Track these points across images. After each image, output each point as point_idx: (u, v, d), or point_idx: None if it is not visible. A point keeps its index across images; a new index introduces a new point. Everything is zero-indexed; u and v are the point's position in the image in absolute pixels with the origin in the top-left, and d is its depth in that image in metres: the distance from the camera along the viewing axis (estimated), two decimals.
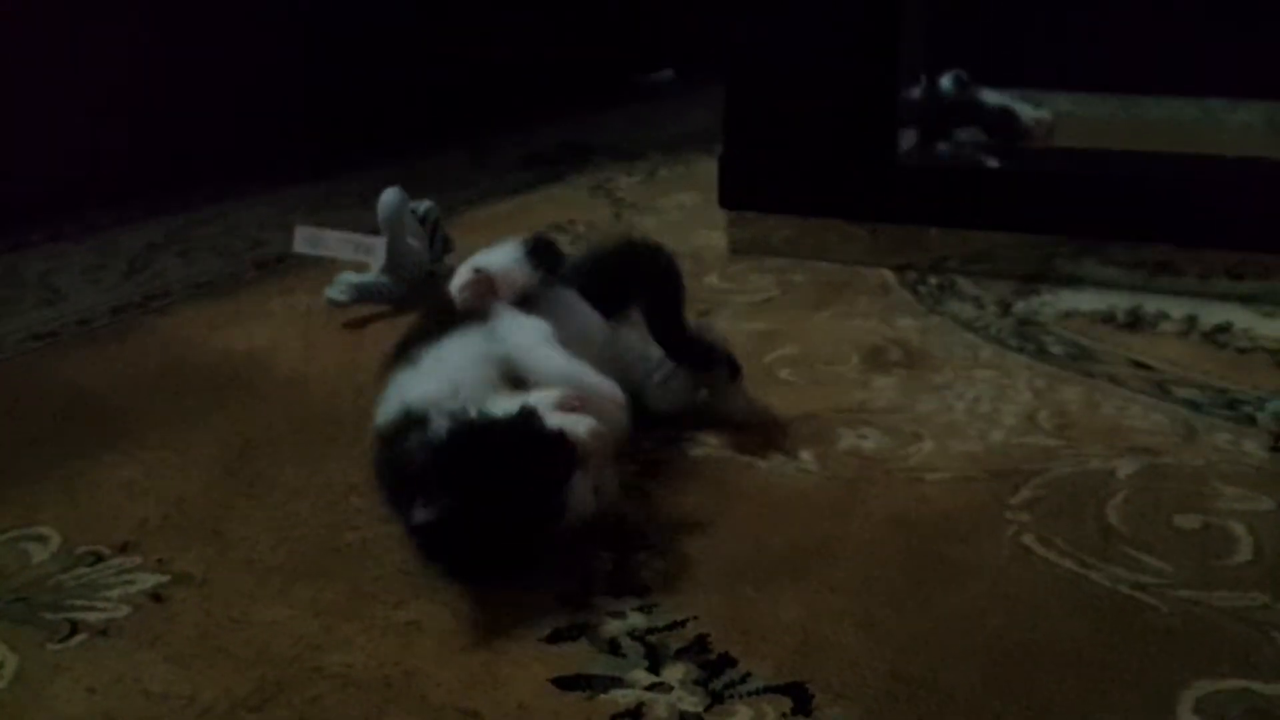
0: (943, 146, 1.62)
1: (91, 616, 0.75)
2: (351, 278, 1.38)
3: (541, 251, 0.97)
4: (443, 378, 0.83)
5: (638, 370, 1.00)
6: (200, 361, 1.24)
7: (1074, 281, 1.37)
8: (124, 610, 0.75)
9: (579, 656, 0.69)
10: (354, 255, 1.42)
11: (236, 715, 0.65)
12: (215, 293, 1.50)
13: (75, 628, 0.74)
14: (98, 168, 1.99)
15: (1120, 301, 1.30)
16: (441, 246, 1.52)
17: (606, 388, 0.84)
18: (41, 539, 0.85)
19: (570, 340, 0.89)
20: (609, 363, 0.92)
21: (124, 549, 0.83)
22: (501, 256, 0.94)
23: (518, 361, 0.86)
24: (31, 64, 1.89)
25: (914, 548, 0.80)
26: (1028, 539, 0.81)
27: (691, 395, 1.02)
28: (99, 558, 0.82)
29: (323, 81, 2.32)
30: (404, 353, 0.89)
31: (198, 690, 0.67)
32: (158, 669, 0.69)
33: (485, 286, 0.91)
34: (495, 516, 0.74)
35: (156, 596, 0.77)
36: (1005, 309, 1.30)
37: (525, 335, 0.88)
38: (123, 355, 1.27)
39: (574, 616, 0.73)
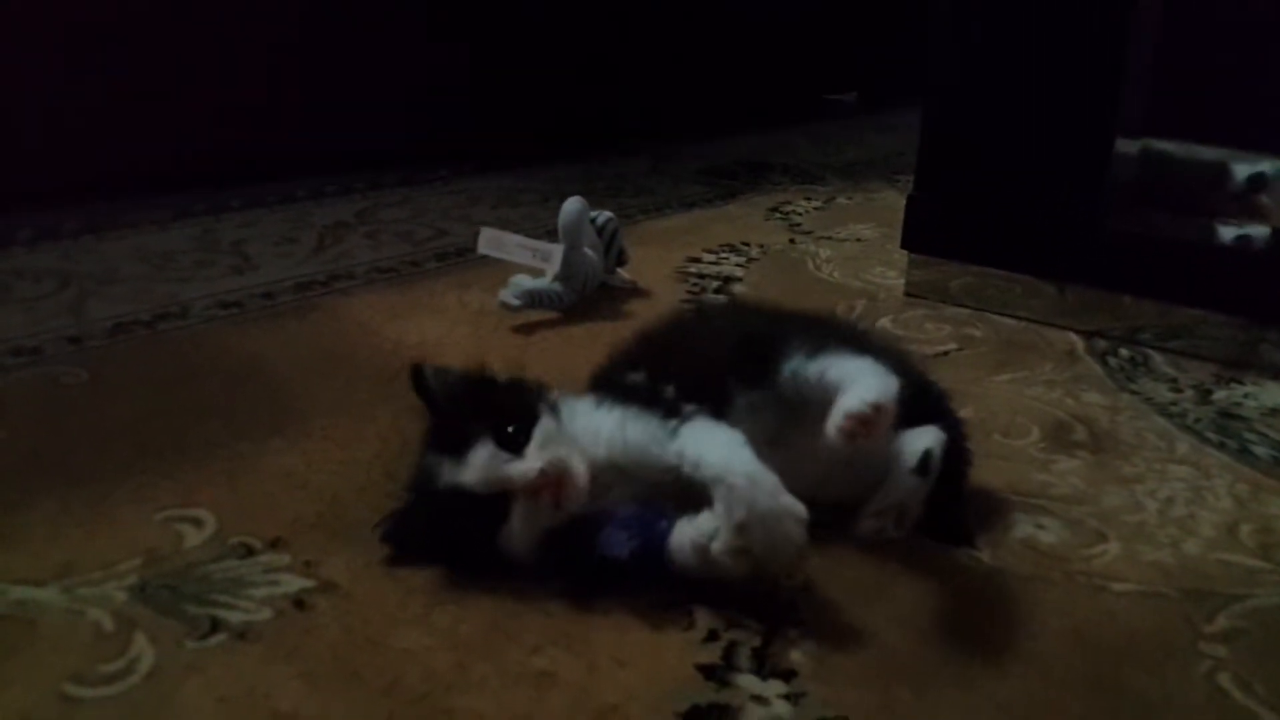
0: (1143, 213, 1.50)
1: (234, 616, 0.74)
2: (525, 282, 1.38)
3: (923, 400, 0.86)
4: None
5: None
6: (373, 351, 1.24)
7: None
8: (265, 614, 0.75)
9: None
10: (532, 261, 1.41)
11: None
12: (396, 280, 1.52)
13: (215, 626, 0.73)
14: (306, 137, 2.06)
15: None
16: (617, 258, 1.50)
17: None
18: (198, 523, 0.86)
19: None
20: None
21: (275, 544, 0.83)
22: (881, 388, 0.78)
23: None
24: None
25: (1095, 672, 0.73)
26: (1224, 679, 0.72)
27: None
28: (249, 551, 0.82)
29: (511, 78, 2.34)
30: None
31: (325, 716, 0.65)
32: (290, 686, 0.68)
33: (876, 421, 0.76)
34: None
35: (299, 603, 0.76)
36: (1205, 396, 1.20)
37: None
38: (301, 334, 1.29)
39: (716, 695, 0.69)
